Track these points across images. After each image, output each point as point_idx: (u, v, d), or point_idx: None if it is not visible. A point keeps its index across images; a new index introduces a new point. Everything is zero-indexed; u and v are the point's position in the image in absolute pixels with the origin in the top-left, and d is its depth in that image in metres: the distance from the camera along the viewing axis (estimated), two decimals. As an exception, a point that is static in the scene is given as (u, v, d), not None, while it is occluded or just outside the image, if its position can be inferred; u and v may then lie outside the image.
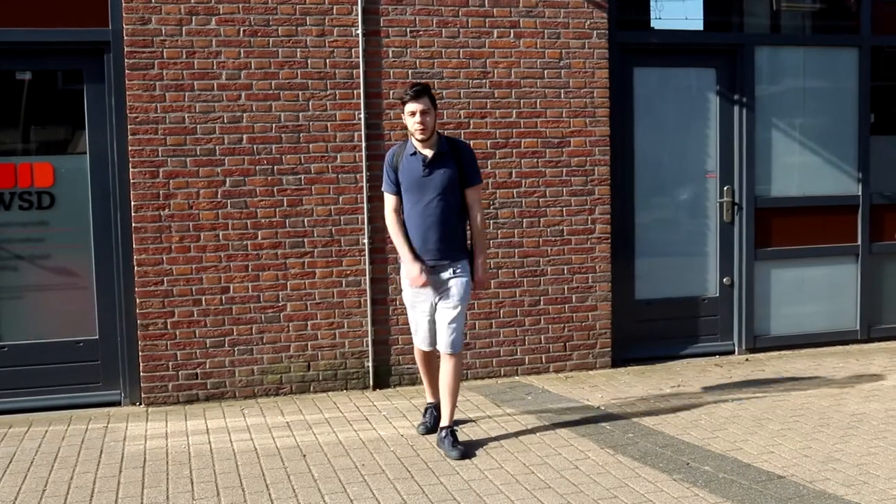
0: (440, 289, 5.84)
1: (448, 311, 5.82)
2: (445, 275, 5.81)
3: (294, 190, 7.10)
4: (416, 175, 5.72)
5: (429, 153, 5.73)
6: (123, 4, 6.77)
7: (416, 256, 5.78)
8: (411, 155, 5.75)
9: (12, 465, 5.67)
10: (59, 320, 7.05)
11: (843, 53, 8.64)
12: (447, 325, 5.81)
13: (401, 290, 6.22)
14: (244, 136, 7.00)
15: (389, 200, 5.88)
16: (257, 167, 7.02)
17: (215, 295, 7.00)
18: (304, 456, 5.72)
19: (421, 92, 5.66)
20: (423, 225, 5.74)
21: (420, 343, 6.06)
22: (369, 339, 7.29)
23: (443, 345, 5.84)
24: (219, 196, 6.97)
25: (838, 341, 8.66)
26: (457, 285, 5.81)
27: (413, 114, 5.65)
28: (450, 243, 5.78)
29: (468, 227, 5.96)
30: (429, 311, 5.91)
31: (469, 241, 5.98)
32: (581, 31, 7.63)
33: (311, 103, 7.11)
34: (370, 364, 7.32)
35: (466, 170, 5.79)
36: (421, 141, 5.70)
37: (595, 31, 7.66)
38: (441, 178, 5.70)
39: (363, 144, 7.18)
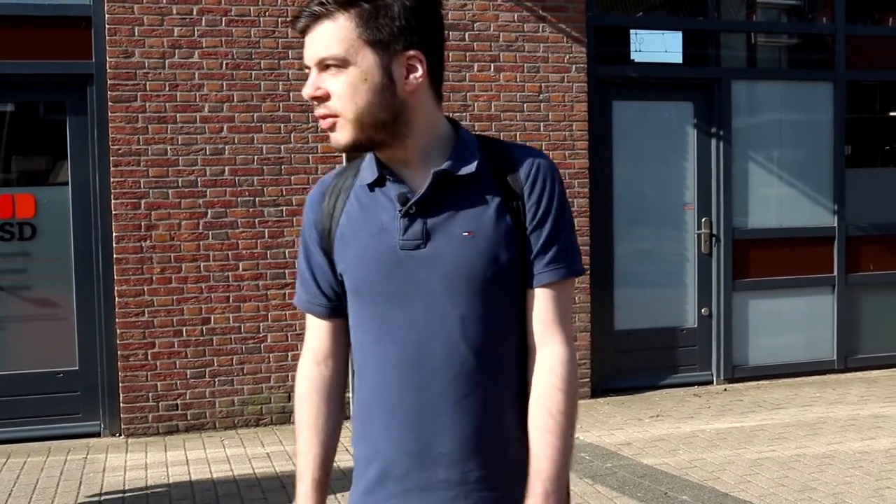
0: None
1: None
2: None
3: (275, 221, 7.14)
4: (382, 248, 1.93)
5: (419, 179, 1.93)
6: (107, 38, 6.83)
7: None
8: (371, 188, 1.97)
9: (-9, 497, 5.67)
10: (39, 351, 7.05)
11: (818, 87, 8.76)
12: None
13: None
14: (226, 168, 7.05)
15: (310, 332, 2.14)
16: (239, 199, 7.07)
17: (196, 326, 7.02)
18: (284, 487, 5.73)
19: (312, 15, 1.86)
20: (409, 399, 1.93)
21: None
22: (350, 369, 7.29)
23: None
24: (200, 227, 7.00)
25: (815, 371, 8.72)
26: None
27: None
28: (495, 454, 1.93)
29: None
30: None
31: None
32: (560, 66, 7.72)
33: (292, 135, 7.17)
34: (350, 395, 7.31)
35: (535, 228, 1.93)
36: (365, 142, 1.90)
37: (574, 66, 7.76)
38: (458, 252, 1.90)
39: (344, 176, 7.22)
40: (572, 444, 1.90)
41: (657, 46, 8.67)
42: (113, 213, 6.88)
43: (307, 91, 1.88)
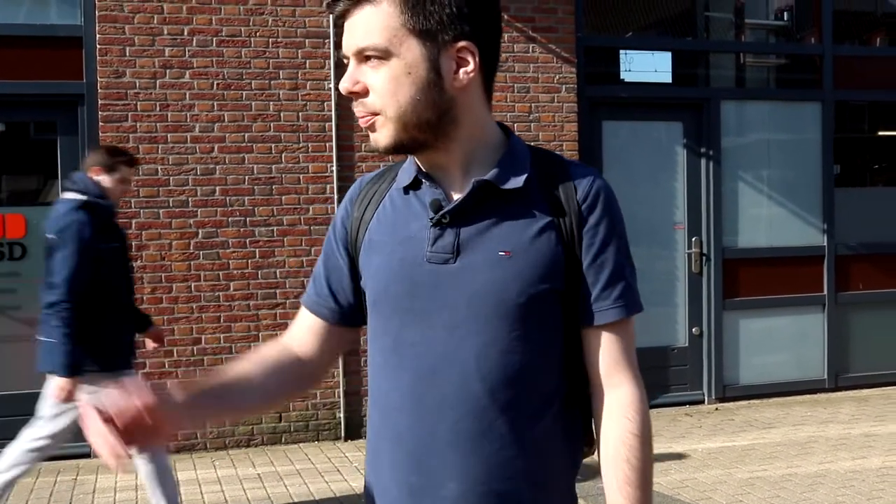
0: None
1: None
2: None
3: (266, 241, 7.14)
4: (408, 259, 1.74)
5: (458, 187, 1.76)
6: (98, 58, 6.84)
7: None
8: (406, 191, 1.80)
9: (-21, 519, 5.63)
10: (30, 371, 6.99)
11: (806, 107, 8.81)
12: None
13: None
14: (217, 188, 7.05)
15: (297, 322, 1.95)
16: (230, 219, 7.06)
17: (187, 346, 7.00)
18: (275, 508, 5.71)
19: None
20: (418, 429, 1.72)
21: None
22: (341, 390, 7.29)
23: None
24: (191, 247, 6.99)
25: (806, 390, 8.73)
26: None
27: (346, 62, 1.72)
28: (519, 493, 1.73)
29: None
30: None
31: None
32: (550, 86, 7.75)
33: (283, 156, 7.18)
34: (341, 415, 7.31)
35: (596, 258, 1.72)
36: (408, 143, 1.71)
37: (564, 86, 7.79)
38: (489, 272, 1.69)
39: (335, 197, 7.24)
40: (651, 491, 1.73)
41: (647, 66, 8.72)
42: (103, 233, 6.86)
43: (344, 85, 1.68)
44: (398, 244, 1.75)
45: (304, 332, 1.91)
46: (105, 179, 4.96)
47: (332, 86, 7.23)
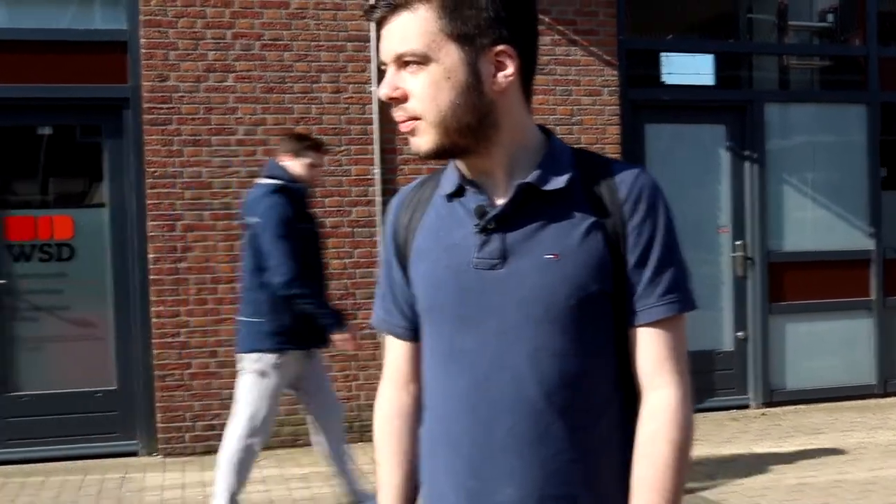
0: None
1: None
2: None
3: (310, 243, 7.15)
4: (453, 265, 1.73)
5: (501, 191, 1.73)
6: (142, 62, 6.90)
7: None
8: (449, 198, 1.77)
9: (28, 517, 5.67)
10: (77, 371, 7.08)
11: (851, 109, 8.72)
12: None
13: None
14: (261, 190, 7.07)
15: (390, 354, 1.93)
16: (274, 221, 7.08)
17: (232, 346, 6.98)
18: (320, 508, 5.71)
19: (389, 6, 1.65)
20: (474, 434, 1.71)
21: None
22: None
23: None
24: (235, 249, 7.00)
25: (855, 396, 8.60)
26: None
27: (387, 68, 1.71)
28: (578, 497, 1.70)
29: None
30: None
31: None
32: (592, 89, 7.72)
33: (325, 159, 7.18)
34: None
35: (641, 256, 1.68)
36: (449, 147, 1.70)
37: (606, 89, 7.76)
38: (538, 276, 1.67)
39: (378, 199, 7.24)
40: (680, 501, 1.65)
41: (689, 69, 8.67)
42: (149, 234, 6.91)
43: (384, 91, 1.68)
44: (443, 251, 1.73)
45: (397, 363, 1.91)
46: (295, 165, 5.19)
47: (373, 89, 7.25)
